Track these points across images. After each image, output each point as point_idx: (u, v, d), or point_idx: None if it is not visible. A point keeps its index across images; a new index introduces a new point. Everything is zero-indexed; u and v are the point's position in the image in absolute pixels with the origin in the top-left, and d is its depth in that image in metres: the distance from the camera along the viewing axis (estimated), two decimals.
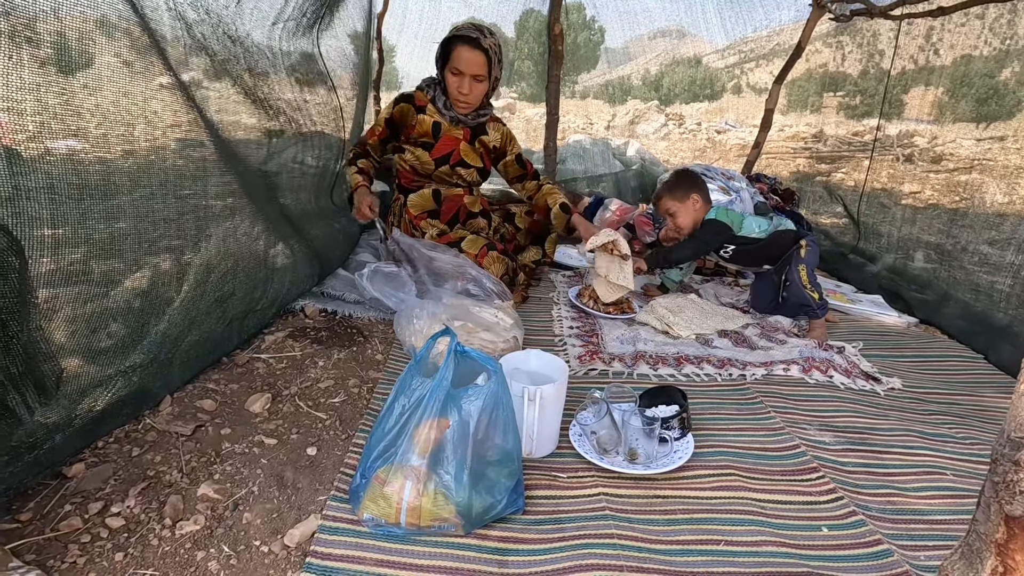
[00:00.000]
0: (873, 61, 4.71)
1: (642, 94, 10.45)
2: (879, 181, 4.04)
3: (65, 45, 1.04)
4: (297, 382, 1.47)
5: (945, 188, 4.67)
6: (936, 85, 4.37)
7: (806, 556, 1.04)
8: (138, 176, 1.26)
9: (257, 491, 1.07)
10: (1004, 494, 0.61)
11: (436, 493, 1.01)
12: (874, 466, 1.34)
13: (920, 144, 6.30)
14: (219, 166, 1.40)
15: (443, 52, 2.12)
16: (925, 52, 4.28)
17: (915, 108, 4.43)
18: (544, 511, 1.12)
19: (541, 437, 1.26)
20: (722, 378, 1.70)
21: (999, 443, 0.64)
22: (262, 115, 1.60)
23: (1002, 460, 0.62)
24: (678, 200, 2.13)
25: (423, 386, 1.07)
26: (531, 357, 1.40)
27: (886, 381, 1.73)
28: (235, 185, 1.47)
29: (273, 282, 1.70)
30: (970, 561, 0.65)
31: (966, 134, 4.75)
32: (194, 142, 1.34)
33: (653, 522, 1.10)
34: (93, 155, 1.11)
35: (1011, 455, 0.61)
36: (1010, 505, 0.60)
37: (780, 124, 9.26)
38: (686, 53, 8.80)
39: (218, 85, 1.46)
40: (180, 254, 1.37)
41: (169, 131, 1.30)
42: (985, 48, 4.29)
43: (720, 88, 11.02)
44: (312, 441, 1.24)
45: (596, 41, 13.43)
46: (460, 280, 1.94)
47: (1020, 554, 0.60)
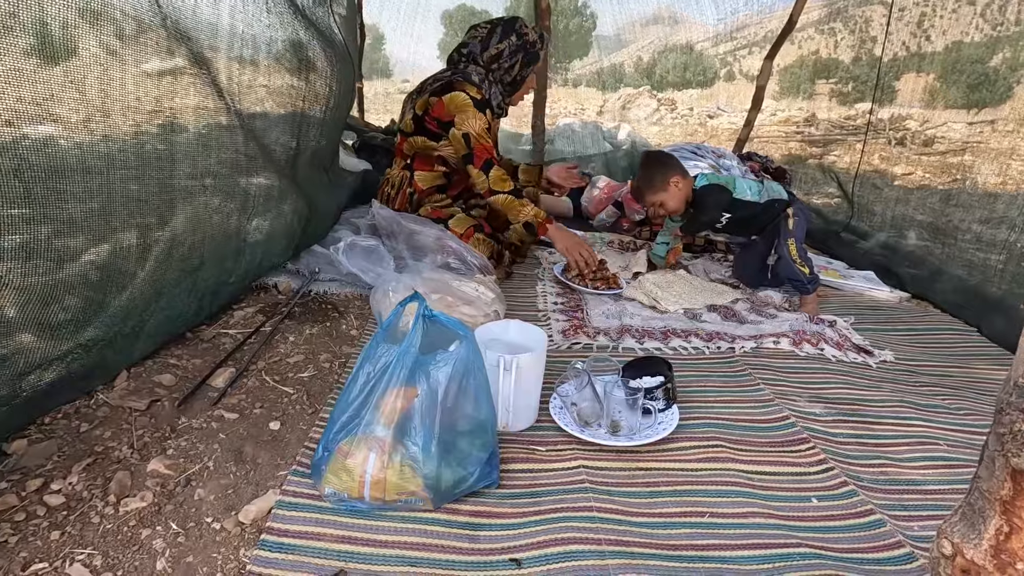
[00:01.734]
0: (865, 47, 4.67)
1: (634, 81, 10.35)
2: (871, 163, 4.00)
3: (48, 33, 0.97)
4: (265, 357, 1.40)
5: (937, 169, 4.64)
6: (928, 71, 4.33)
7: (795, 528, 0.99)
8: (112, 156, 1.18)
9: (213, 466, 1.01)
10: (1011, 446, 0.55)
11: (402, 465, 0.95)
12: (866, 437, 1.29)
13: (912, 128, 6.27)
14: (197, 147, 1.33)
15: (534, 56, 2.10)
16: (917, 38, 4.23)
17: (907, 94, 4.39)
18: (520, 485, 1.06)
19: (518, 409, 1.20)
20: (710, 351, 1.64)
21: (1005, 391, 0.58)
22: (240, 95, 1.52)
23: (1008, 409, 0.56)
24: (660, 190, 2.02)
25: (389, 353, 1.00)
26: (510, 327, 1.34)
27: (878, 354, 1.68)
28: (214, 163, 1.39)
29: (245, 256, 1.62)
30: (972, 522, 0.60)
31: (957, 118, 4.71)
32: (167, 125, 1.26)
33: (635, 495, 1.05)
34: (65, 134, 1.04)
35: (1019, 403, 0.55)
36: (1017, 458, 0.55)
37: (773, 109, 9.20)
38: (679, 40, 8.70)
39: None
40: (147, 229, 1.29)
41: (147, 113, 1.22)
42: (976, 34, 4.26)
43: (713, 75, 10.93)
44: (276, 415, 1.17)
45: (588, 27, 13.28)
46: (441, 253, 1.87)
47: None
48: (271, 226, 1.73)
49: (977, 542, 0.58)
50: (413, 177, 2.10)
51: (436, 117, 2.00)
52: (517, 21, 2.10)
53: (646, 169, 2.06)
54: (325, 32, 1.86)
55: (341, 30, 1.99)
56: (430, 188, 2.11)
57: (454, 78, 2.01)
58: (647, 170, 2.05)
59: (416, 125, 2.05)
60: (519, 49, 2.06)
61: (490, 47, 2.06)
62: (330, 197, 2.21)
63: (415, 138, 2.06)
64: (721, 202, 2.03)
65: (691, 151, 3.65)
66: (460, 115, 1.96)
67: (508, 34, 2.06)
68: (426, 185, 2.10)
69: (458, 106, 1.96)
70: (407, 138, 2.08)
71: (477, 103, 1.96)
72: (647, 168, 2.06)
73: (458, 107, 1.96)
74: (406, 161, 2.13)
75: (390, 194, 2.14)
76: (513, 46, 2.06)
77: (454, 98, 1.96)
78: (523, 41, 2.07)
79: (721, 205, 2.03)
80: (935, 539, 0.64)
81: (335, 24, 1.94)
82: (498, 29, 2.07)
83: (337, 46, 1.94)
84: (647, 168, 2.06)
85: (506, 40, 2.06)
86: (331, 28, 1.92)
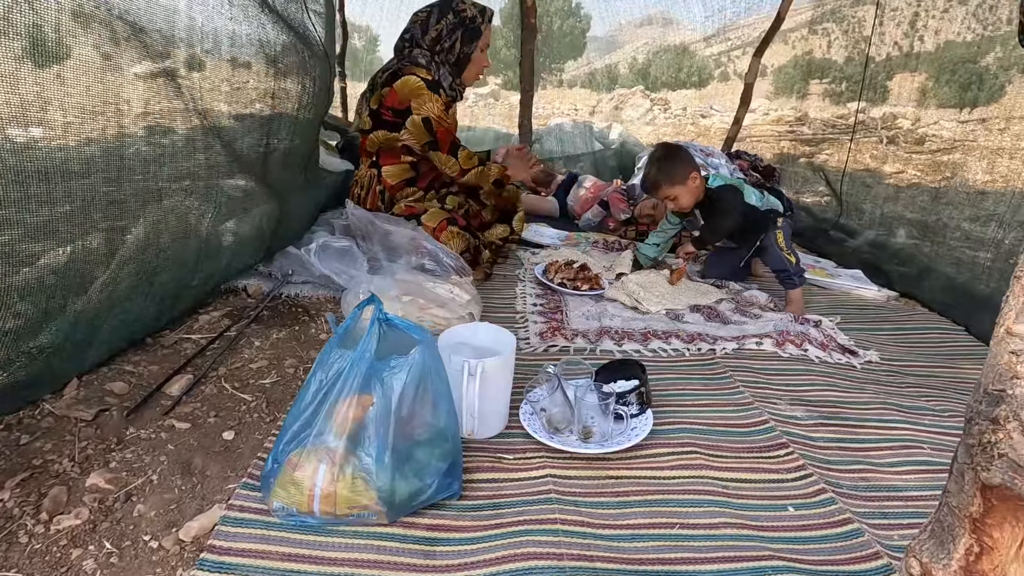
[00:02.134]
0: (859, 48, 4.67)
1: (629, 82, 10.34)
2: (862, 161, 3.98)
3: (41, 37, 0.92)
4: (227, 363, 1.35)
5: (928, 168, 4.62)
6: (920, 70, 4.32)
7: (768, 538, 0.95)
8: (66, 160, 1.12)
9: (157, 480, 0.95)
10: (980, 459, 0.51)
11: (354, 478, 0.90)
12: (847, 441, 1.24)
13: (904, 126, 6.26)
14: (154, 148, 1.28)
15: (475, 31, 2.04)
16: (909, 38, 4.22)
17: (899, 94, 4.38)
18: (483, 495, 1.01)
19: (485, 415, 1.15)
20: (690, 352, 1.60)
21: (975, 399, 0.53)
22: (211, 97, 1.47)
23: (978, 419, 0.52)
24: (678, 183, 1.91)
25: (342, 359, 0.95)
26: (479, 330, 1.29)
27: (863, 354, 1.64)
28: (171, 165, 1.34)
29: (208, 259, 1.57)
30: (941, 540, 0.55)
31: (949, 117, 4.70)
32: (120, 126, 1.21)
33: (603, 505, 1.00)
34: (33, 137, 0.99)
35: (988, 412, 0.51)
36: (987, 472, 0.50)
37: (766, 108, 9.20)
38: (673, 41, 8.69)
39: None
40: (100, 233, 1.24)
41: (93, 112, 1.17)
42: (968, 34, 4.25)
43: (707, 76, 10.93)
44: (231, 424, 1.12)
45: (582, 28, 13.24)
46: (415, 254, 1.82)
47: (999, 530, 0.50)
48: (238, 228, 1.68)
49: (946, 562, 0.54)
50: (381, 174, 2.06)
51: (391, 106, 1.97)
52: (453, 0, 2.05)
53: (666, 161, 1.94)
54: (298, 29, 1.81)
55: (316, 27, 1.95)
56: (400, 183, 2.07)
57: (401, 64, 2.00)
58: (667, 162, 1.93)
59: (374, 120, 2.02)
60: (457, 26, 2.02)
61: (429, 29, 2.03)
62: (306, 198, 2.16)
63: (375, 133, 2.02)
64: (739, 205, 1.95)
65: None
66: (415, 100, 1.93)
67: (445, 13, 2.03)
68: (395, 180, 2.06)
69: (411, 90, 1.93)
70: (367, 136, 2.05)
71: (429, 84, 1.94)
72: (667, 160, 1.94)
73: (411, 91, 1.93)
74: (371, 159, 2.09)
75: (360, 195, 2.10)
76: (451, 24, 2.02)
77: (405, 83, 1.93)
78: (460, 18, 2.03)
79: (739, 208, 1.95)
80: (903, 557, 0.60)
81: (310, 21, 1.89)
82: (435, 10, 2.04)
83: (312, 44, 1.89)
84: (667, 160, 1.94)
85: (443, 19, 2.02)
86: (304, 25, 1.87)
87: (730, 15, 3.60)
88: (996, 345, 0.51)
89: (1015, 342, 0.49)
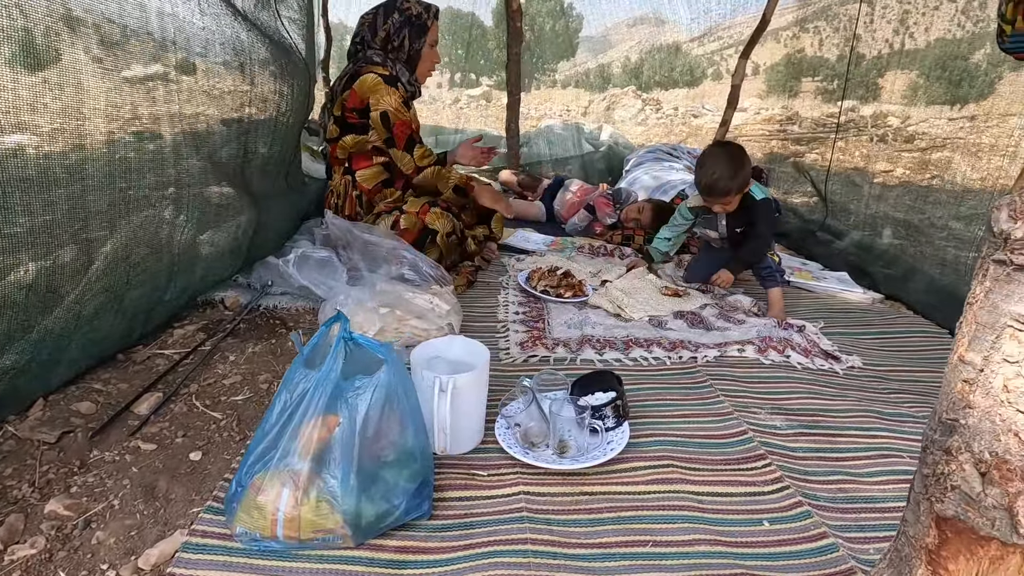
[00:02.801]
0: (850, 46, 4.69)
1: (622, 82, 10.34)
2: (852, 160, 3.98)
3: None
4: (199, 379, 1.33)
5: (917, 166, 4.63)
6: (911, 68, 4.33)
7: (742, 555, 0.93)
8: (46, 170, 1.10)
9: (118, 505, 0.93)
10: (935, 490, 0.50)
11: (319, 501, 0.88)
12: (826, 451, 1.23)
13: (894, 124, 6.28)
14: (121, 159, 1.25)
15: (421, 27, 2.05)
16: (900, 36, 4.24)
17: (892, 91, 4.39)
18: (454, 515, 1.00)
19: (458, 431, 1.13)
20: (671, 361, 1.59)
21: (930, 427, 0.52)
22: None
23: (932, 448, 0.51)
24: (739, 192, 1.86)
25: (307, 379, 0.93)
26: (455, 343, 1.27)
27: (845, 360, 1.63)
28: (138, 174, 1.31)
29: (181, 272, 1.55)
30: (899, 570, 0.54)
31: (938, 114, 4.72)
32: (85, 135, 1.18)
33: (575, 523, 0.99)
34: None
35: (942, 441, 0.49)
36: (941, 504, 0.49)
37: (757, 107, 9.21)
38: (666, 40, 8.72)
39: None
40: (64, 248, 1.22)
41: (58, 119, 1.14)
42: (958, 31, 4.27)
43: (700, 75, 10.97)
44: (199, 445, 1.10)
45: (574, 28, 13.31)
46: (395, 264, 1.80)
47: (954, 562, 0.49)
48: (214, 238, 1.65)
49: None
50: (355, 178, 2.05)
51: (353, 107, 1.97)
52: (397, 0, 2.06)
53: (734, 162, 1.81)
54: (272, 35, 1.79)
55: (291, 33, 1.93)
56: (376, 185, 2.06)
57: (357, 66, 2.01)
58: (736, 165, 1.81)
59: (340, 127, 2.02)
60: (404, 24, 2.03)
61: (378, 30, 2.04)
62: (286, 206, 2.14)
63: (344, 139, 2.02)
64: (774, 222, 1.93)
65: (667, 151, 3.61)
66: (373, 96, 1.93)
67: (390, 13, 2.03)
68: (370, 183, 2.05)
69: (369, 87, 1.94)
70: (337, 144, 2.05)
71: (386, 78, 1.95)
72: (735, 161, 1.82)
73: (369, 88, 1.94)
74: (344, 166, 2.08)
75: (337, 203, 2.09)
76: (397, 22, 2.02)
77: (363, 81, 1.94)
78: (406, 16, 2.03)
79: (774, 225, 1.94)
80: None
81: (284, 27, 1.87)
82: (380, 11, 2.05)
83: (290, 51, 1.87)
84: (735, 161, 1.82)
85: (389, 19, 2.03)
86: (279, 31, 1.85)
87: (716, 16, 3.60)
88: (950, 372, 0.50)
89: (967, 370, 0.48)
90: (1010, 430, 0.44)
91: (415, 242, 1.95)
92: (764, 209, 1.92)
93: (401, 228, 1.97)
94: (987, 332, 0.46)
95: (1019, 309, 0.44)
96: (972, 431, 0.47)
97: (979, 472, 0.46)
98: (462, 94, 9.43)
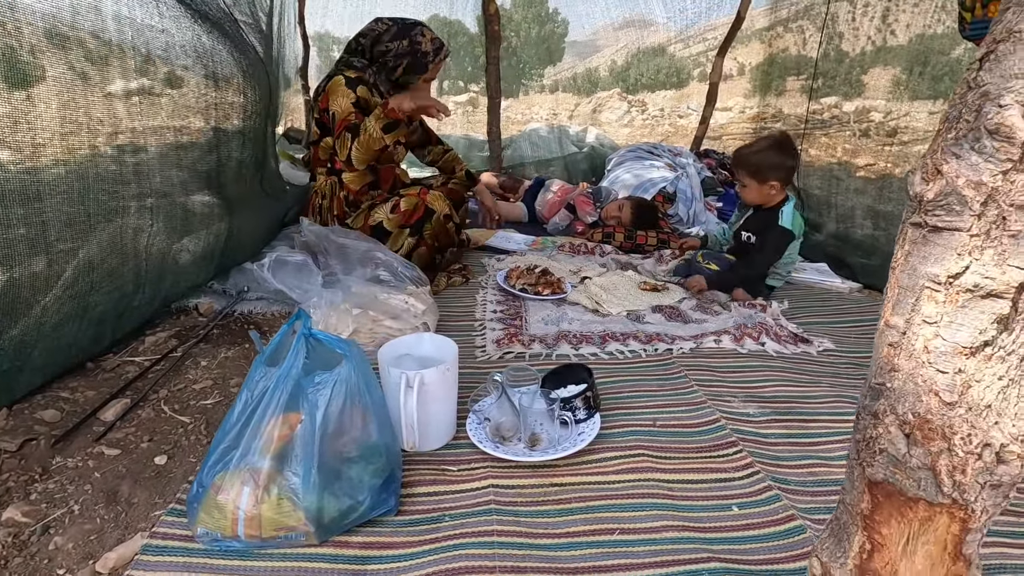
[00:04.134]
0: (833, 43, 4.77)
1: (608, 84, 10.41)
2: (835, 155, 4.02)
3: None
4: (170, 385, 1.32)
5: (898, 159, 4.68)
6: (895, 64, 4.40)
7: (709, 540, 0.93)
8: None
9: (78, 510, 0.92)
10: (865, 454, 0.50)
11: (280, 499, 0.87)
12: (798, 436, 1.24)
13: (876, 119, 6.35)
14: (84, 166, 1.24)
15: (422, 65, 2.06)
16: (882, 32, 4.30)
17: (874, 87, 4.45)
18: (422, 510, 0.99)
19: (428, 427, 1.13)
20: (647, 353, 1.59)
21: (863, 393, 0.52)
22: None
23: (863, 413, 0.51)
24: (756, 179, 1.88)
25: (268, 377, 0.93)
26: (424, 340, 1.27)
27: (817, 342, 1.64)
28: (98, 181, 1.30)
29: (155, 278, 1.54)
30: (838, 538, 0.54)
31: (922, 109, 4.79)
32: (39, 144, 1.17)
33: (544, 514, 0.98)
34: None
35: (870, 406, 0.50)
36: (871, 468, 0.49)
37: (742, 106, 9.28)
38: (652, 42, 8.79)
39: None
40: (25, 257, 1.21)
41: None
42: (939, 27, 4.33)
43: (686, 76, 11.07)
44: (165, 449, 1.09)
45: (560, 33, 13.37)
46: (370, 266, 1.80)
47: (887, 527, 0.49)
48: (187, 245, 1.65)
49: (843, 561, 0.53)
50: (342, 180, 2.05)
51: (324, 108, 1.97)
52: (416, 27, 2.05)
53: (768, 154, 1.86)
54: (234, 38, 1.78)
55: (249, 35, 1.92)
56: (363, 187, 2.06)
57: (337, 68, 2.03)
58: (767, 156, 1.86)
59: (320, 128, 2.03)
60: (407, 54, 2.03)
61: (380, 43, 2.04)
62: (260, 211, 2.13)
63: (324, 140, 2.02)
64: (776, 253, 1.95)
65: (647, 151, 3.63)
66: (332, 96, 1.94)
67: (402, 36, 2.03)
68: (357, 185, 2.05)
69: (331, 88, 1.95)
70: (318, 145, 2.05)
71: (349, 80, 1.94)
72: (769, 154, 1.86)
73: (331, 89, 1.95)
74: (327, 167, 2.07)
75: (322, 204, 2.07)
76: (402, 49, 2.03)
77: (333, 84, 1.95)
78: (413, 48, 2.03)
79: (774, 258, 1.96)
80: (810, 557, 0.59)
81: (243, 30, 1.87)
82: (395, 28, 2.04)
83: (248, 52, 1.86)
84: (769, 154, 1.86)
85: (397, 41, 2.03)
86: (239, 35, 1.85)
87: (691, 15, 3.63)
88: (878, 337, 0.51)
89: (892, 334, 0.48)
90: (931, 390, 0.45)
91: (416, 223, 1.97)
92: (778, 234, 1.93)
93: (402, 210, 1.97)
94: (908, 295, 0.47)
95: (935, 270, 0.44)
96: (897, 394, 0.47)
97: (904, 433, 0.46)
98: (449, 100, 9.47)
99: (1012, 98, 0.39)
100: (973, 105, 0.41)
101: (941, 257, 0.44)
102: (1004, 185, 0.40)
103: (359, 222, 2.01)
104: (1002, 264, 0.41)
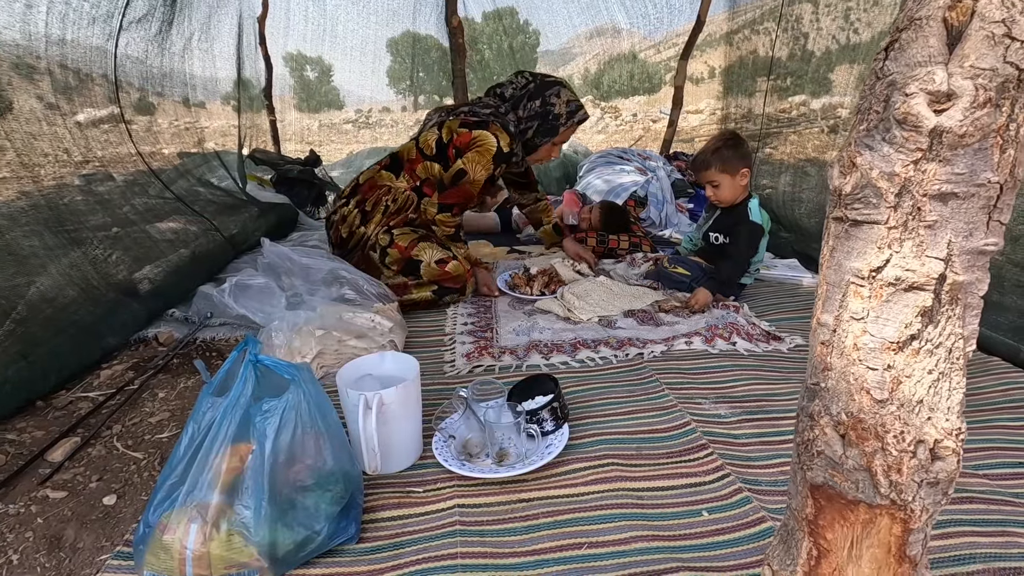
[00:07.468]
0: (799, 43, 4.87)
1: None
2: (804, 152, 4.09)
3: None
4: (124, 419, 1.27)
5: None
6: (861, 62, 4.51)
7: (678, 548, 0.91)
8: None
9: (17, 560, 0.87)
10: (805, 458, 0.48)
11: (230, 534, 0.84)
12: (769, 435, 1.23)
13: (843, 115, 6.48)
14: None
15: (552, 129, 2.01)
16: (846, 31, 4.40)
17: (842, 84, 4.56)
18: (385, 536, 0.96)
19: (391, 449, 1.10)
20: (618, 359, 1.58)
21: (800, 395, 0.51)
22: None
23: (801, 415, 0.50)
24: (728, 172, 1.88)
25: (215, 407, 0.89)
26: (385, 359, 1.24)
27: (788, 339, 1.64)
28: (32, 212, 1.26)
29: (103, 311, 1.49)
30: (787, 545, 0.53)
31: None
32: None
33: (510, 532, 0.96)
34: None
35: (807, 407, 0.48)
36: (811, 471, 0.48)
37: (712, 108, 9.45)
38: (623, 49, 8.92)
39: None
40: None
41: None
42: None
43: (659, 81, 11.24)
44: (115, 488, 1.04)
45: (532, 44, 13.58)
46: (335, 285, 1.76)
47: (831, 531, 0.47)
48: (144, 275, 1.60)
49: (792, 568, 0.51)
50: (421, 203, 2.01)
51: (457, 146, 1.92)
52: (552, 88, 2.00)
53: (728, 147, 1.87)
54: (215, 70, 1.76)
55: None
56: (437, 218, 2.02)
57: (492, 119, 1.94)
58: (727, 149, 1.87)
59: (438, 149, 1.96)
60: (538, 116, 2.00)
61: (518, 103, 2.02)
62: (227, 236, 2.09)
63: (432, 164, 1.97)
64: (750, 249, 1.95)
65: (617, 155, 3.65)
66: (475, 155, 1.90)
67: (535, 97, 2.00)
68: (434, 216, 2.01)
69: (480, 145, 1.90)
70: (424, 160, 1.98)
71: (498, 155, 1.90)
72: (729, 147, 1.87)
73: (479, 146, 1.90)
74: (416, 183, 2.00)
75: (388, 206, 1.97)
76: (534, 111, 1.99)
77: (481, 136, 1.90)
78: (546, 110, 1.99)
79: (755, 246, 1.96)
80: (762, 566, 0.57)
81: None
82: (533, 87, 2.01)
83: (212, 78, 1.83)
84: (729, 147, 1.87)
85: (531, 102, 2.00)
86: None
87: (653, 21, 3.68)
88: (811, 337, 0.49)
89: (823, 332, 0.47)
90: (862, 388, 0.43)
91: (446, 287, 1.96)
92: (750, 229, 1.93)
93: (446, 269, 1.91)
94: (835, 291, 0.46)
95: (858, 265, 0.43)
96: (831, 393, 0.46)
97: (839, 434, 0.45)
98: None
99: (917, 86, 0.38)
100: (881, 95, 0.40)
101: (863, 251, 0.43)
102: (916, 175, 0.39)
103: (404, 240, 1.92)
104: (921, 256, 0.40)
